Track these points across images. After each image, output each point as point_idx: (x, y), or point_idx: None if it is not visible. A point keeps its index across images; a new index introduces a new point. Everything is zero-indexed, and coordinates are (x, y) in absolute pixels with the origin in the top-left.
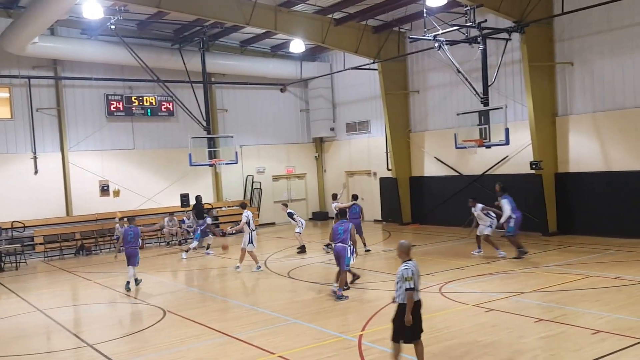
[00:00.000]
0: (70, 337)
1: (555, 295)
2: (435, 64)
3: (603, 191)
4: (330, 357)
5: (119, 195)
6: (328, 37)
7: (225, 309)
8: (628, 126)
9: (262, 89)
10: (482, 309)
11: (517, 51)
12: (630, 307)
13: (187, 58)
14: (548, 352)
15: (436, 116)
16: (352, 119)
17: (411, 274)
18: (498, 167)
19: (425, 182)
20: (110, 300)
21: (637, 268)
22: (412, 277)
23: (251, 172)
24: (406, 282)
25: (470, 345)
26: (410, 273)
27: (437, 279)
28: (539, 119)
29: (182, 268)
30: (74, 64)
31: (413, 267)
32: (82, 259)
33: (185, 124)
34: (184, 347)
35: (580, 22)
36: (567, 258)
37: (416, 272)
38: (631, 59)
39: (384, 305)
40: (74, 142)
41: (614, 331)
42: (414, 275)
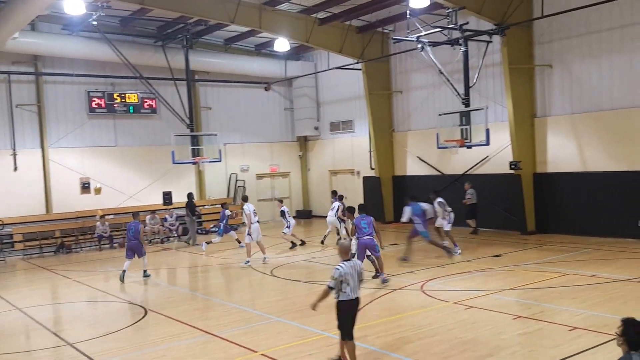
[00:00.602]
0: (49, 336)
1: (533, 292)
2: (418, 64)
3: (580, 191)
4: (312, 354)
5: (101, 192)
6: (312, 36)
7: (208, 307)
8: (604, 128)
9: (246, 87)
10: (463, 306)
11: (497, 53)
12: (605, 304)
13: (171, 55)
14: (526, 348)
15: (419, 116)
16: (336, 119)
17: (338, 275)
18: (478, 167)
19: (408, 181)
20: (91, 298)
21: (612, 266)
22: (337, 278)
23: (235, 170)
24: (331, 280)
25: (451, 341)
26: (338, 274)
27: (419, 277)
28: (519, 120)
29: (164, 266)
30: (54, 60)
31: (346, 268)
32: (62, 257)
33: (168, 122)
34: (165, 345)
35: (559, 25)
36: (544, 256)
37: (351, 272)
38: (608, 62)
39: (367, 302)
40: (55, 139)
41: (590, 328)
42: (345, 275)
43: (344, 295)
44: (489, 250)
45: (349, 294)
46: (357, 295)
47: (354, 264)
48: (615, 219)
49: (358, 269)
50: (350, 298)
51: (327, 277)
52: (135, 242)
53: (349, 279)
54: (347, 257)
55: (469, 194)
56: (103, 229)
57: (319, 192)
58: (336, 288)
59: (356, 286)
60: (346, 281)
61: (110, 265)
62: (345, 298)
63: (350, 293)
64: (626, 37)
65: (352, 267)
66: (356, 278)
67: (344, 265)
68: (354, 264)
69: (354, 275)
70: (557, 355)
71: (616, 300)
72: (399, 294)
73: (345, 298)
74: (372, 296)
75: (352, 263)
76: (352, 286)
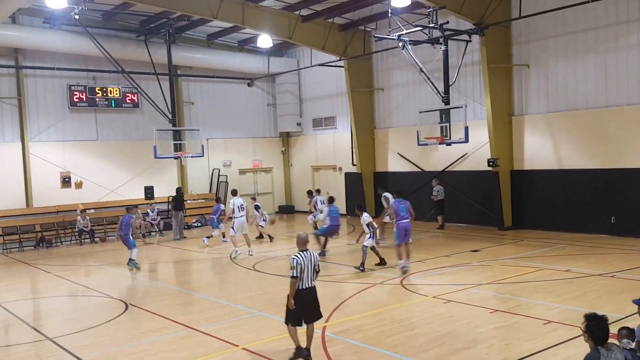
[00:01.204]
0: (29, 331)
1: (510, 287)
2: (399, 63)
3: (555, 188)
4: (293, 348)
5: (82, 187)
6: (295, 33)
7: (190, 302)
8: (579, 126)
9: (229, 83)
10: (441, 300)
11: (476, 53)
12: (579, 298)
13: (153, 50)
14: (503, 341)
15: (400, 114)
16: (318, 115)
17: (295, 264)
18: (457, 164)
19: (388, 177)
20: (71, 293)
21: (586, 261)
22: (296, 267)
23: (217, 165)
24: (292, 270)
25: (430, 335)
26: (295, 263)
27: (398, 272)
28: (497, 118)
29: (146, 261)
30: (35, 53)
31: (303, 258)
32: (43, 251)
33: (150, 116)
34: (145, 340)
35: (537, 26)
36: (521, 251)
37: (306, 263)
38: (583, 62)
39: (347, 297)
40: (35, 133)
41: (565, 321)
42: (301, 265)
43: (298, 284)
44: (467, 245)
45: (303, 282)
46: (312, 284)
47: (310, 255)
48: (590, 216)
49: (314, 260)
50: (303, 287)
51: None
52: (124, 236)
53: (303, 269)
54: (304, 247)
55: (435, 190)
56: (84, 223)
57: (301, 187)
58: (298, 276)
59: (310, 276)
60: (301, 271)
61: (91, 260)
62: (298, 287)
63: (304, 282)
64: (600, 39)
65: (308, 258)
66: (310, 268)
67: (300, 255)
68: (310, 255)
69: (308, 265)
70: (532, 348)
71: (590, 295)
72: (379, 288)
73: (298, 287)
74: (353, 291)
75: (308, 254)
76: (306, 276)
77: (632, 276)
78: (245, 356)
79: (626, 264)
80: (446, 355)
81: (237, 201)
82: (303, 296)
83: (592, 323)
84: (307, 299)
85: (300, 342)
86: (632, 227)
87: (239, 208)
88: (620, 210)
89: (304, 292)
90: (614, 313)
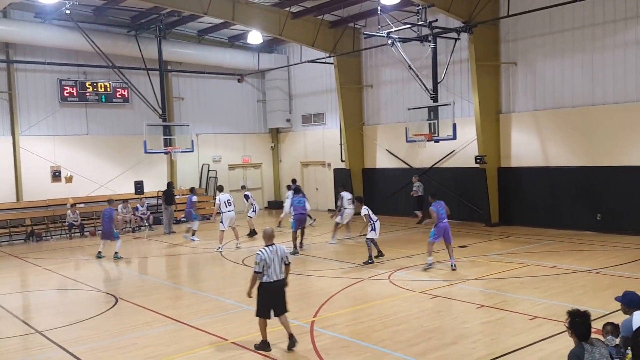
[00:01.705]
0: (18, 324)
1: (496, 282)
2: (388, 60)
3: (542, 185)
4: (283, 342)
5: (72, 181)
6: (285, 29)
7: (179, 296)
8: (566, 124)
9: (219, 79)
10: (429, 295)
11: (465, 50)
12: (565, 294)
13: (144, 45)
14: (489, 336)
15: (388, 110)
16: (307, 111)
17: (259, 259)
18: (445, 161)
19: (377, 173)
20: (61, 286)
21: (572, 257)
22: (259, 262)
23: (207, 160)
24: (255, 265)
25: (417, 329)
26: (259, 259)
27: (387, 267)
28: (484, 115)
29: (135, 255)
30: (26, 48)
31: (268, 253)
32: (33, 245)
33: (140, 111)
34: (135, 334)
35: (525, 24)
36: (507, 247)
37: (272, 257)
38: (570, 60)
39: (336, 292)
40: (26, 127)
41: (550, 317)
42: (265, 260)
43: (265, 277)
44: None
45: (269, 276)
46: (278, 277)
47: (277, 249)
48: (575, 213)
49: (280, 254)
50: (270, 280)
51: (296, 265)
52: (108, 227)
53: (269, 263)
54: (270, 242)
55: (415, 186)
56: (74, 217)
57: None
58: (262, 271)
59: (277, 269)
60: (267, 265)
61: (80, 254)
62: (266, 280)
63: (271, 276)
64: (587, 38)
65: (274, 252)
66: (277, 262)
67: (264, 251)
68: (277, 249)
69: (274, 259)
70: (518, 343)
71: (576, 291)
72: (367, 283)
73: (266, 280)
74: (341, 286)
75: (275, 248)
76: (273, 270)
77: (617, 272)
78: (233, 350)
79: (611, 261)
80: (433, 349)
81: (223, 197)
82: (271, 289)
83: (576, 319)
84: (276, 292)
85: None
86: (618, 224)
87: (225, 203)
88: (605, 208)
89: (272, 285)
90: (599, 309)
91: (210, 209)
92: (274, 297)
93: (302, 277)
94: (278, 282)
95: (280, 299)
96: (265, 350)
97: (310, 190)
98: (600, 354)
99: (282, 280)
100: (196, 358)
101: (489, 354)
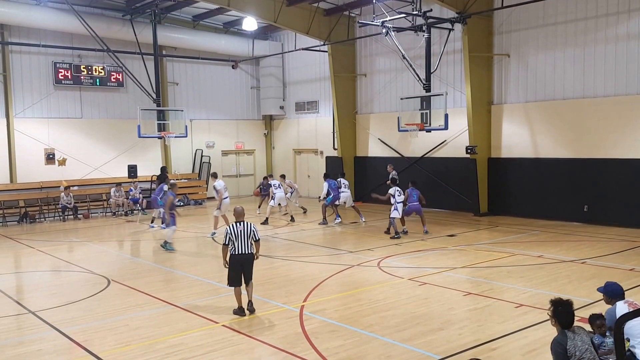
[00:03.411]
0: (11, 304)
1: (484, 271)
2: (382, 49)
3: (531, 176)
4: (273, 326)
5: (65, 164)
6: (280, 16)
7: (171, 279)
8: (556, 116)
9: (214, 65)
10: (417, 282)
11: (458, 41)
12: (550, 283)
13: (139, 29)
14: (475, 323)
15: (381, 100)
16: (301, 99)
17: (226, 233)
18: (436, 151)
19: (368, 162)
20: (54, 268)
21: (558, 248)
22: (225, 236)
23: (200, 146)
24: (224, 239)
25: (405, 315)
26: (226, 232)
27: (376, 254)
28: (476, 106)
29: (128, 238)
30: (21, 30)
31: (234, 229)
32: (26, 226)
33: (134, 96)
34: (127, 315)
35: (518, 16)
36: (495, 237)
37: (237, 233)
38: (562, 53)
39: (325, 278)
40: (20, 109)
41: (536, 305)
42: (230, 235)
43: (232, 250)
44: (444, 230)
45: (236, 249)
46: (245, 251)
47: (244, 226)
48: (563, 204)
49: (247, 231)
50: (237, 253)
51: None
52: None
53: (235, 238)
54: (239, 219)
55: (392, 175)
56: (67, 200)
57: (282, 170)
58: (229, 245)
59: (244, 244)
60: (232, 239)
61: (74, 236)
62: (233, 252)
63: (237, 249)
64: (579, 31)
65: (240, 229)
66: (243, 237)
67: (232, 226)
68: (244, 226)
69: (240, 235)
70: (504, 330)
71: (561, 280)
72: (356, 270)
73: (233, 252)
74: (331, 272)
75: (242, 225)
76: (239, 244)
77: (602, 263)
78: (224, 332)
79: (597, 251)
80: (420, 335)
81: (221, 183)
82: (237, 260)
83: (559, 308)
84: (242, 263)
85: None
86: (604, 216)
87: (224, 189)
88: (593, 199)
89: (238, 257)
90: (584, 298)
91: (202, 194)
92: (240, 267)
93: (293, 262)
94: (244, 254)
95: (247, 270)
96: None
97: (302, 177)
98: (582, 340)
99: (250, 254)
100: (187, 340)
101: (474, 340)
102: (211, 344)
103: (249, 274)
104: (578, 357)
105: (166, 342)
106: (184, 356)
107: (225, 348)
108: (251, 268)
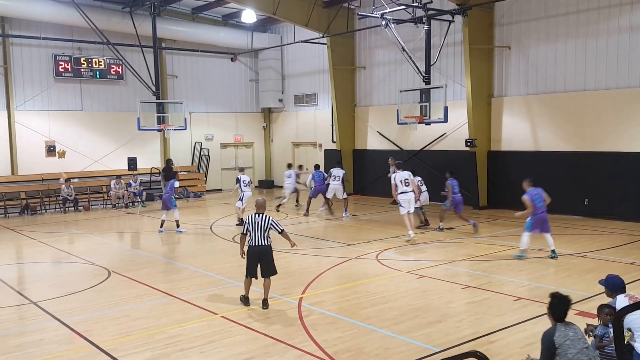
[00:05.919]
0: (13, 294)
1: (483, 264)
2: (381, 41)
3: (531, 169)
4: (271, 317)
5: (64, 156)
6: (279, 9)
7: (171, 270)
8: (557, 109)
9: (213, 57)
10: (415, 275)
11: (458, 33)
12: (550, 277)
13: (138, 22)
14: (474, 316)
15: (380, 92)
16: (300, 91)
17: (243, 223)
18: (436, 144)
19: (367, 155)
20: (55, 259)
21: (558, 241)
22: (243, 225)
23: (200, 139)
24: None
25: (403, 308)
26: (244, 222)
27: (375, 247)
28: (476, 99)
29: (128, 230)
30: (22, 22)
31: (253, 219)
32: (27, 218)
33: (134, 88)
34: (127, 306)
35: (519, 8)
36: (495, 230)
37: (254, 224)
38: (563, 46)
39: (324, 270)
40: (21, 101)
41: (534, 298)
42: (247, 225)
43: (249, 241)
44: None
45: (252, 241)
46: (260, 243)
47: (262, 218)
48: (563, 197)
49: (264, 223)
50: (252, 244)
51: (286, 243)
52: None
53: (250, 229)
54: (259, 211)
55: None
56: (68, 192)
57: (281, 163)
58: (246, 234)
59: (260, 236)
60: (250, 230)
61: (74, 228)
62: (249, 244)
63: (253, 240)
64: (580, 23)
65: (257, 220)
66: (259, 229)
67: (250, 216)
68: (262, 218)
69: (255, 226)
70: (502, 323)
71: (561, 274)
72: (355, 262)
73: (249, 244)
74: (330, 264)
75: (259, 217)
76: (254, 235)
77: (602, 256)
78: (223, 324)
79: (597, 245)
80: (418, 328)
81: (246, 177)
82: (252, 251)
83: (554, 301)
84: (258, 255)
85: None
86: (604, 210)
87: (248, 183)
88: (593, 193)
89: (254, 249)
90: (583, 292)
91: (202, 186)
92: (256, 259)
93: (292, 255)
94: (260, 246)
95: (263, 262)
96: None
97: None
98: (574, 332)
99: (266, 247)
100: (186, 331)
101: (473, 332)
102: (210, 335)
103: (266, 269)
104: (568, 345)
105: (166, 333)
106: (184, 346)
107: (224, 339)
108: (269, 262)
